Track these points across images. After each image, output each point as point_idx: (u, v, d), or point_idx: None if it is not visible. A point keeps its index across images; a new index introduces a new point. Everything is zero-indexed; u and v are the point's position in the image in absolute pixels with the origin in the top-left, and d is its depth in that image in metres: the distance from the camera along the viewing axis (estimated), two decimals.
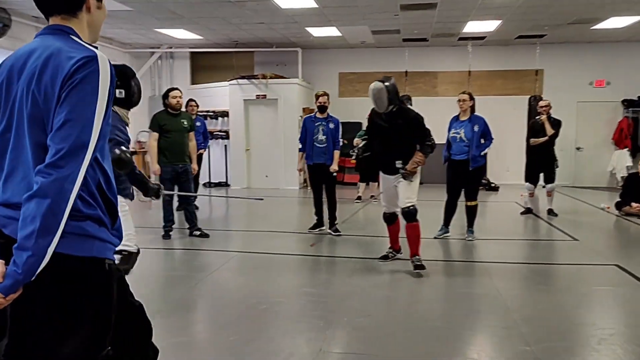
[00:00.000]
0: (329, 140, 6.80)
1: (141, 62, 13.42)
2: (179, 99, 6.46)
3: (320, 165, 6.82)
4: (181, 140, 6.49)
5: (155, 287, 4.76)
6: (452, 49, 12.69)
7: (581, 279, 5.01)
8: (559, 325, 3.74)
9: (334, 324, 3.75)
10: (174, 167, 6.40)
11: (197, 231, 6.66)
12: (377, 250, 5.77)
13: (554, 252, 6.33)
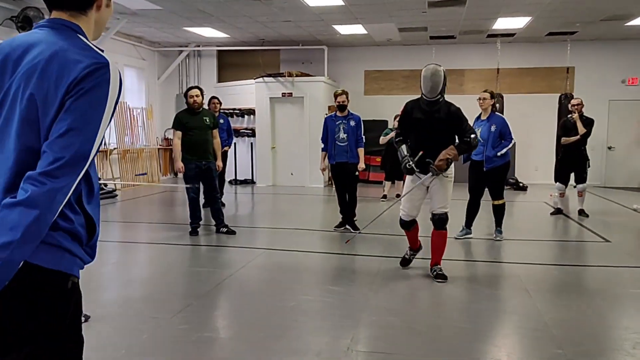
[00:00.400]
0: (350, 138, 6.77)
1: (169, 61, 13.61)
2: (196, 97, 6.52)
3: (342, 164, 6.80)
4: (204, 137, 6.54)
5: (182, 283, 4.82)
6: (480, 46, 12.52)
7: (614, 281, 4.89)
8: (592, 329, 3.67)
9: (361, 322, 3.75)
10: (197, 164, 6.49)
11: (224, 228, 6.72)
12: (402, 249, 5.73)
13: (585, 253, 6.21)
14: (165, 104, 13.77)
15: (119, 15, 9.81)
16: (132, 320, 3.79)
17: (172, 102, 13.89)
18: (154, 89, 13.40)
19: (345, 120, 6.80)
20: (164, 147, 13.62)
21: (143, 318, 3.82)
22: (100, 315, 3.79)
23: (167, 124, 13.82)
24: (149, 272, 5.17)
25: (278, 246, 6.14)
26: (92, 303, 3.96)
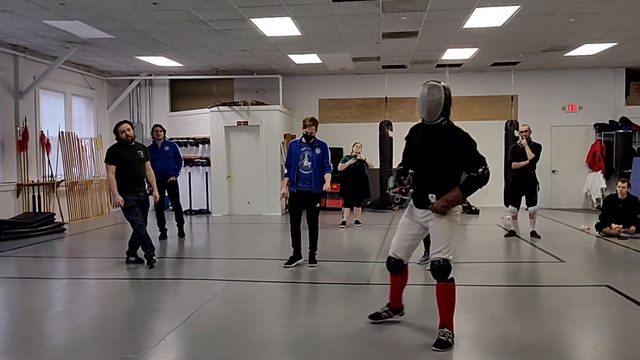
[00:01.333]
0: (314, 166, 6.41)
1: (119, 90, 13.30)
2: (127, 131, 6.59)
3: (304, 193, 6.42)
4: (139, 170, 6.70)
5: (145, 320, 4.61)
6: (430, 75, 12.88)
7: (575, 300, 5.06)
8: (561, 352, 3.75)
9: (337, 352, 3.68)
10: (135, 196, 6.59)
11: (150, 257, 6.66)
12: (364, 276, 5.74)
13: (543, 274, 6.39)
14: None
15: (69, 44, 9.55)
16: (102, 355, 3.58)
17: None
18: (104, 119, 13.02)
19: (310, 148, 6.45)
20: None
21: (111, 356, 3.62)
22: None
23: None
24: (108, 310, 4.91)
25: (239, 277, 5.99)
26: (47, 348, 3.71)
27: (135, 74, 12.95)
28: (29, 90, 10.01)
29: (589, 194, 12.79)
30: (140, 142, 7.34)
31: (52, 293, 5.71)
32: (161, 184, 8.52)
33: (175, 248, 8.21)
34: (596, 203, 12.58)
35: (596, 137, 12.82)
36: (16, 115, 9.87)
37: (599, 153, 12.58)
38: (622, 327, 4.27)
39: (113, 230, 10.33)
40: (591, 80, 12.82)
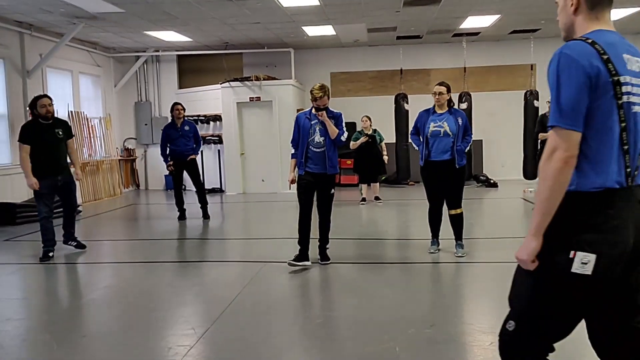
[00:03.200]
0: (328, 142, 5.23)
1: (126, 67, 12.93)
2: (49, 107, 5.89)
3: (317, 176, 5.25)
4: (57, 152, 5.94)
5: (187, 305, 4.42)
6: (445, 45, 12.60)
7: None
8: None
9: (399, 337, 3.49)
10: (51, 181, 5.86)
11: (73, 242, 6.24)
12: (402, 255, 5.55)
13: None
14: (123, 112, 13.08)
15: (76, 19, 9.18)
16: (149, 347, 3.38)
17: (130, 110, 13.22)
18: (111, 97, 12.69)
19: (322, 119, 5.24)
20: (124, 158, 12.94)
21: (158, 345, 3.43)
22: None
23: (127, 134, 13.19)
24: (145, 296, 4.71)
25: (273, 258, 5.78)
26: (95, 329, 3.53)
27: (141, 50, 12.56)
28: (36, 68, 9.67)
29: None
30: (61, 119, 6.61)
31: (80, 279, 5.53)
32: (180, 164, 8.27)
33: (199, 229, 8.00)
34: None
35: None
36: (24, 95, 9.54)
37: None
38: None
39: (127, 212, 10.12)
40: None
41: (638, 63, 1.75)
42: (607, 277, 1.69)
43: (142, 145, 13.29)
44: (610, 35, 1.74)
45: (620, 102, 1.68)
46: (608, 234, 1.67)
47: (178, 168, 8.31)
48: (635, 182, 1.74)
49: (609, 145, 1.70)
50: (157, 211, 10.44)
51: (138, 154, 13.36)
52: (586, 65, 1.65)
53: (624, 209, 1.70)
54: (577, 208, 1.72)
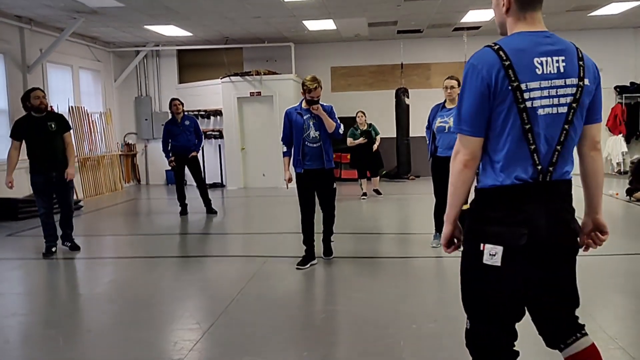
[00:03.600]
0: (324, 136, 5.05)
1: (126, 62, 12.90)
2: (42, 99, 5.69)
3: (315, 172, 5.08)
4: (50, 146, 5.70)
5: (193, 298, 4.44)
6: (446, 40, 12.56)
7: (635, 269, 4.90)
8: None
9: (404, 331, 3.51)
10: (46, 177, 5.68)
11: (69, 242, 6.06)
12: (406, 249, 5.57)
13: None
14: (124, 107, 13.07)
15: (76, 14, 9.14)
16: (155, 342, 3.40)
17: (131, 105, 13.20)
18: (111, 92, 12.67)
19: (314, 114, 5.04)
20: (125, 153, 12.93)
21: (164, 340, 3.45)
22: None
23: (127, 129, 13.18)
24: (149, 290, 4.72)
25: (276, 253, 5.80)
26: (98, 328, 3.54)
27: (141, 44, 12.52)
28: (36, 63, 9.64)
29: (609, 158, 12.56)
30: (57, 112, 6.32)
31: (83, 274, 5.54)
32: (182, 159, 8.28)
33: (201, 224, 8.01)
34: (616, 167, 12.39)
35: (617, 100, 12.53)
36: (25, 90, 9.51)
37: (620, 116, 12.31)
38: None
39: (129, 207, 10.13)
40: (612, 42, 12.44)
41: (558, 64, 1.79)
42: (519, 267, 1.79)
43: (143, 140, 13.28)
44: (526, 39, 1.80)
45: (522, 106, 1.75)
46: (512, 227, 1.78)
47: (180, 163, 8.31)
48: (552, 178, 1.82)
49: (512, 146, 1.78)
50: (158, 206, 10.45)
51: (139, 149, 13.35)
52: (485, 76, 1.75)
53: (530, 203, 1.79)
54: (484, 204, 1.86)
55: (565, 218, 1.85)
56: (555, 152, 1.82)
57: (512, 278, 1.81)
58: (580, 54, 1.86)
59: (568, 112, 1.81)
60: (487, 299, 1.87)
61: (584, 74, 1.83)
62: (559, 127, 1.81)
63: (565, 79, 1.80)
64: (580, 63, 1.84)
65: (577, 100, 1.81)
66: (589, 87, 1.84)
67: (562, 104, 1.80)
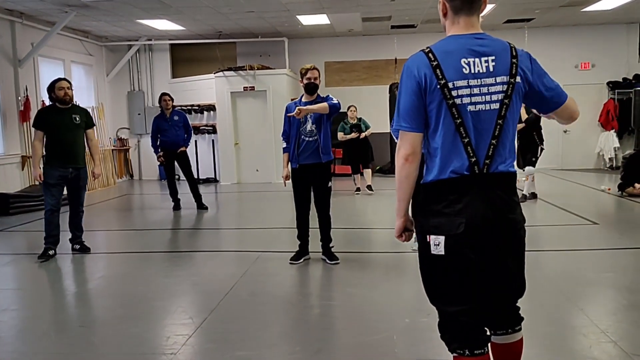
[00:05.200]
0: (320, 130, 4.92)
1: (118, 56, 12.82)
2: (67, 90, 5.50)
3: (311, 168, 4.95)
4: (72, 139, 5.51)
5: (185, 294, 4.43)
6: (440, 35, 12.37)
7: (625, 263, 4.93)
8: None
9: (397, 326, 3.52)
10: (62, 171, 5.46)
11: (78, 245, 5.82)
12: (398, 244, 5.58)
13: (583, 236, 6.14)
14: (116, 102, 12.99)
15: (68, 7, 9.07)
16: (148, 336, 3.39)
17: (123, 100, 13.13)
18: (104, 87, 12.59)
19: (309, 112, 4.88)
20: (117, 147, 12.87)
21: (157, 335, 3.44)
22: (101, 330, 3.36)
23: (120, 123, 13.12)
24: (141, 286, 4.70)
25: (269, 248, 5.80)
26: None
27: (134, 39, 12.45)
28: (27, 57, 9.57)
29: (602, 154, 12.65)
30: (82, 107, 6.16)
31: (74, 269, 5.50)
32: (171, 155, 8.25)
33: (194, 219, 7.99)
34: (609, 162, 12.46)
35: (609, 96, 12.59)
36: (16, 85, 9.46)
37: (612, 112, 12.37)
38: None
39: (122, 202, 10.09)
40: (604, 37, 12.50)
41: (487, 63, 1.89)
42: (461, 254, 1.90)
43: (136, 135, 13.22)
44: (456, 42, 1.92)
45: (451, 102, 1.87)
46: (451, 217, 1.89)
47: (169, 159, 8.28)
48: (491, 170, 1.91)
49: (446, 141, 1.90)
50: (151, 201, 10.41)
51: (131, 144, 13.29)
52: (416, 75, 1.89)
53: (467, 194, 1.89)
54: (426, 197, 1.99)
55: (502, 208, 1.93)
56: (490, 146, 1.91)
57: (457, 265, 1.92)
58: (514, 52, 1.95)
59: (500, 108, 1.91)
60: (441, 286, 1.99)
61: (515, 72, 1.92)
62: (492, 122, 1.91)
63: (496, 77, 1.90)
64: (514, 61, 1.93)
65: (509, 97, 1.91)
66: (519, 84, 1.93)
67: (494, 100, 1.90)
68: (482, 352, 1.98)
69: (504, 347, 2.14)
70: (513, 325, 2.14)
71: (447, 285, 1.98)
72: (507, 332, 2.13)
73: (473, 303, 1.97)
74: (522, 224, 2.03)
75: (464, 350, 1.98)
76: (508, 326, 2.13)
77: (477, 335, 1.99)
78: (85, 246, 5.84)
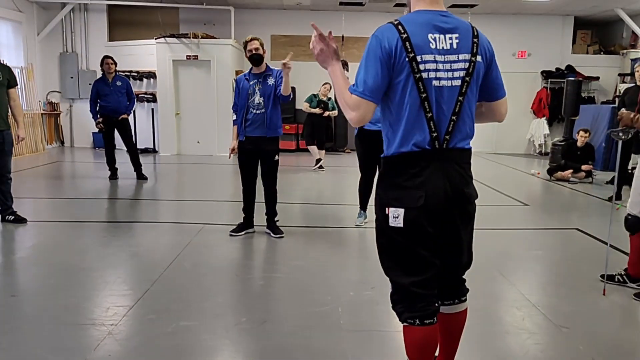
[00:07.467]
0: (269, 103, 4.84)
1: (51, 15, 12.05)
2: None
3: (257, 141, 4.91)
4: None
5: (127, 265, 4.29)
6: (387, 15, 12.60)
7: (555, 242, 5.23)
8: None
9: (342, 298, 3.58)
10: None
11: (11, 215, 5.41)
12: (343, 218, 5.65)
13: (515, 216, 6.46)
14: (47, 63, 12.23)
15: None
16: (86, 307, 3.26)
17: (55, 61, 12.39)
18: (34, 46, 11.80)
19: (261, 79, 4.85)
20: (47, 112, 12.16)
21: (96, 305, 3.32)
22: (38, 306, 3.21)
23: (50, 86, 12.40)
24: (78, 256, 4.50)
25: (213, 220, 5.71)
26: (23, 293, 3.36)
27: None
28: None
29: (532, 140, 13.28)
30: (3, 64, 5.71)
31: (4, 237, 5.18)
32: (111, 121, 7.90)
33: (132, 189, 7.71)
34: (538, 148, 13.11)
35: (542, 84, 13.20)
36: None
37: (545, 100, 12.99)
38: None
39: (52, 169, 9.58)
40: (541, 28, 13.03)
41: (451, 40, 1.92)
42: (419, 226, 1.95)
43: (68, 99, 12.54)
44: (423, 17, 1.93)
45: (418, 76, 1.88)
46: (411, 190, 1.94)
47: (109, 126, 7.93)
48: (450, 145, 1.96)
49: (410, 115, 1.92)
50: (85, 170, 9.95)
51: (63, 109, 12.60)
52: (386, 46, 1.87)
53: (428, 168, 1.94)
54: (388, 171, 2.03)
55: (459, 183, 1.99)
56: (451, 122, 1.95)
57: (414, 238, 1.97)
58: (475, 32, 1.99)
59: (462, 85, 1.95)
60: (397, 258, 2.03)
61: (477, 51, 1.96)
62: (453, 98, 1.95)
63: (459, 54, 1.93)
64: (475, 40, 1.97)
65: (470, 74, 1.95)
66: (480, 64, 1.98)
67: (455, 77, 1.94)
68: (432, 322, 2.04)
69: (450, 316, 2.23)
70: (460, 296, 2.23)
71: (404, 257, 2.02)
72: (454, 303, 2.22)
73: (427, 274, 2.02)
74: (475, 198, 2.09)
75: (414, 320, 2.03)
76: (455, 297, 2.22)
77: (429, 305, 2.05)
78: (20, 217, 5.43)
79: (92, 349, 2.78)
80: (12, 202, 5.49)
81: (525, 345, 2.94)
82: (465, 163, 2.04)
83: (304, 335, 3.03)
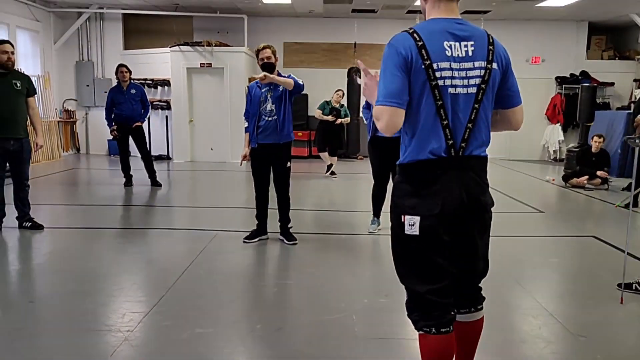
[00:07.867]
0: (280, 110, 4.84)
1: (67, 24, 12.24)
2: (11, 54, 5.07)
3: (269, 148, 4.91)
4: (11, 107, 5.11)
5: (142, 272, 4.32)
6: (399, 22, 12.62)
7: (576, 249, 5.18)
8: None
9: (356, 305, 3.57)
10: (3, 142, 5.11)
11: (28, 222, 5.47)
12: (357, 225, 5.65)
13: (531, 224, 6.41)
14: (63, 72, 12.42)
15: None
16: (102, 313, 3.29)
17: (71, 69, 12.56)
18: (50, 55, 11.98)
19: (273, 86, 4.88)
20: (64, 119, 12.33)
21: (112, 311, 3.35)
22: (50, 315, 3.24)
23: (67, 94, 12.56)
24: (95, 262, 4.55)
25: (226, 227, 5.73)
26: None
27: (84, 6, 11.89)
28: None
29: (547, 146, 13.18)
30: (23, 73, 5.76)
31: (21, 244, 5.25)
32: (125, 129, 7.99)
33: (147, 196, 7.78)
34: (553, 154, 13.00)
35: (556, 90, 13.11)
36: None
37: (559, 106, 12.89)
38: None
39: (68, 176, 9.71)
40: (555, 33, 12.95)
41: (467, 48, 1.93)
42: (435, 235, 1.94)
43: (84, 107, 12.71)
44: (438, 24, 1.94)
45: (434, 83, 1.89)
46: (427, 198, 1.93)
47: (123, 134, 8.02)
48: (466, 153, 1.95)
49: (427, 122, 1.92)
50: (100, 176, 10.06)
51: (79, 117, 12.76)
52: (403, 53, 1.88)
53: (444, 175, 1.93)
54: (404, 178, 2.02)
55: (476, 191, 1.98)
56: (466, 130, 1.95)
57: (430, 245, 1.96)
58: (490, 39, 1.99)
59: (477, 92, 1.95)
60: (413, 266, 2.02)
61: (492, 58, 1.96)
62: (469, 106, 1.95)
63: (474, 62, 1.93)
64: (490, 48, 1.97)
65: (485, 82, 1.95)
66: (496, 71, 1.97)
67: (471, 85, 1.94)
68: (448, 330, 2.03)
69: (467, 325, 2.21)
70: (476, 304, 2.22)
71: (419, 265, 2.01)
72: (470, 311, 2.21)
73: (443, 282, 2.01)
74: (491, 206, 2.09)
75: (430, 328, 2.02)
76: (471, 305, 2.21)
77: (445, 314, 2.03)
78: (37, 223, 5.49)
79: (109, 355, 2.80)
80: (29, 209, 5.56)
81: (542, 355, 2.92)
82: (481, 171, 2.03)
83: (318, 342, 3.03)
